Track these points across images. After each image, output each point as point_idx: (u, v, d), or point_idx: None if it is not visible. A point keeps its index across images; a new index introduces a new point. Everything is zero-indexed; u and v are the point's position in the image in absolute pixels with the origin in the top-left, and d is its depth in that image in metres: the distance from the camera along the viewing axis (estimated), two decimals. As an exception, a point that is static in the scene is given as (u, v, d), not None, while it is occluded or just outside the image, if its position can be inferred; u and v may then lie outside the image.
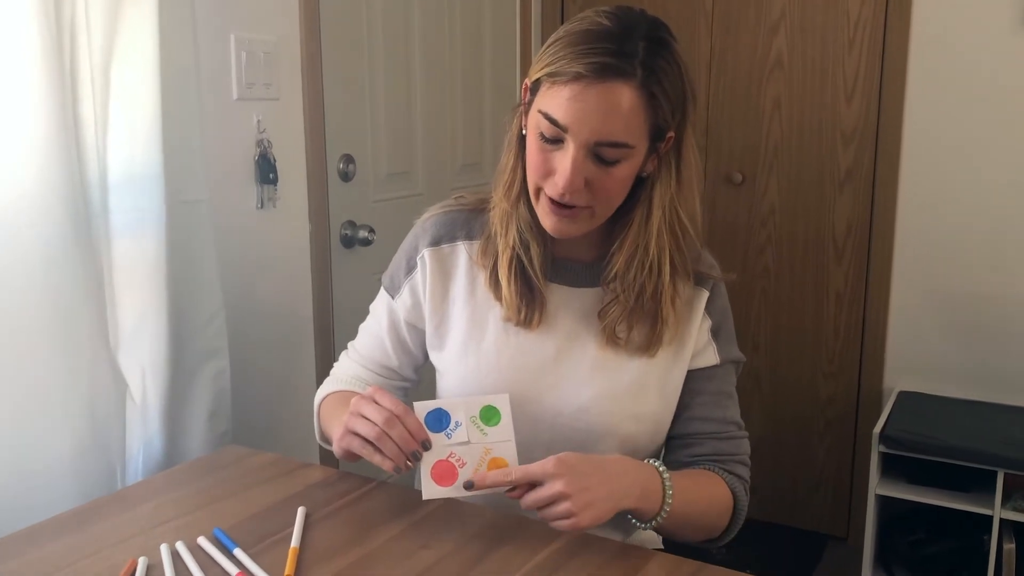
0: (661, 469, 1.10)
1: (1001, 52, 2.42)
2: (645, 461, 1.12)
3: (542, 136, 1.08)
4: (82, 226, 1.38)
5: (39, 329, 1.32)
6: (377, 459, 1.07)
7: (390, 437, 1.05)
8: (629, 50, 1.04)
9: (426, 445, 1.07)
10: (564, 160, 1.06)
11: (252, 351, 1.89)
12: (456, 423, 1.09)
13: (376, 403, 1.08)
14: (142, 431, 1.55)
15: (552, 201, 1.10)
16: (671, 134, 1.11)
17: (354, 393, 1.20)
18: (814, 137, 2.72)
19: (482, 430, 1.10)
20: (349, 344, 1.38)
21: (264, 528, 1.10)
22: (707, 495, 1.16)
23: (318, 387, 1.38)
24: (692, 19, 2.83)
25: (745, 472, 1.23)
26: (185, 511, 1.16)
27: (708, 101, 2.85)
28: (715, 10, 2.81)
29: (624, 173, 1.09)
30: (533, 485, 1.03)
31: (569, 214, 1.10)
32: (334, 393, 1.31)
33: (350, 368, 1.35)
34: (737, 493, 1.19)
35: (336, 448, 1.14)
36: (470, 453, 1.08)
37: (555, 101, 1.05)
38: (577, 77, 1.03)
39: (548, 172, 1.09)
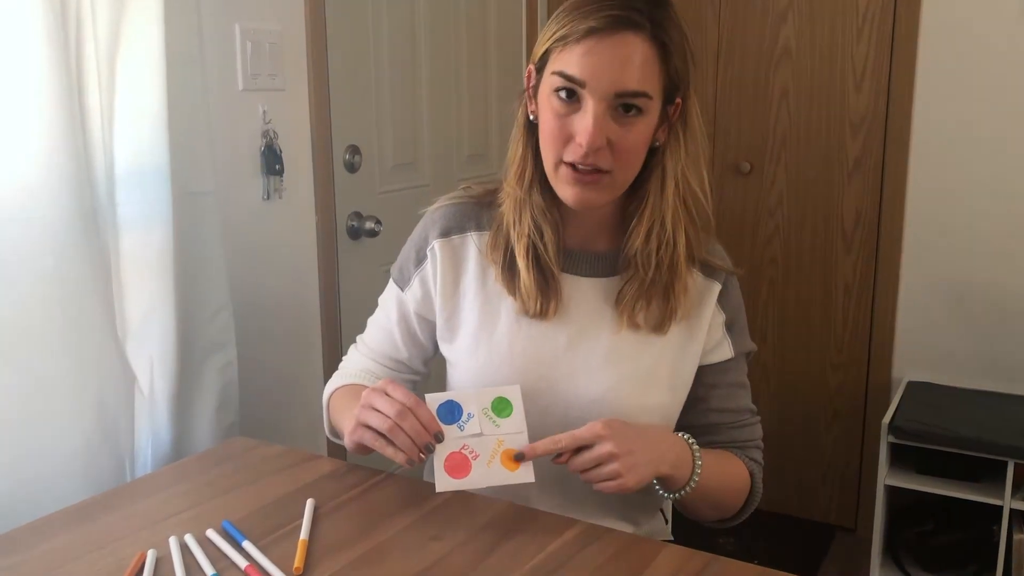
0: (691, 441, 1.14)
1: (1010, 40, 2.40)
2: (676, 433, 1.15)
3: (559, 98, 1.08)
4: (89, 219, 1.37)
5: (47, 322, 1.32)
6: (389, 452, 1.07)
7: (402, 429, 1.05)
8: (635, 5, 1.06)
9: (439, 437, 1.08)
10: (585, 118, 1.06)
11: (259, 343, 1.88)
12: (468, 415, 1.09)
13: (388, 395, 1.08)
14: (150, 423, 1.55)
15: (573, 170, 1.09)
16: (679, 100, 1.12)
17: (364, 387, 1.20)
18: (822, 126, 2.70)
19: (494, 422, 1.09)
20: (357, 337, 1.38)
21: (273, 520, 1.10)
22: (730, 473, 1.21)
23: (325, 379, 1.37)
24: (700, 8, 2.81)
25: (760, 456, 1.27)
26: (193, 503, 1.16)
27: (716, 90, 2.84)
28: (722, -1, 2.79)
29: (642, 130, 1.09)
30: (579, 449, 1.06)
31: (591, 179, 1.10)
32: (344, 387, 1.30)
33: (359, 361, 1.35)
34: (755, 475, 1.24)
35: (348, 441, 1.14)
36: (483, 445, 1.08)
37: (570, 59, 1.06)
38: (590, 32, 1.05)
39: (568, 137, 1.09)
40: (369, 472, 1.24)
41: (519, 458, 1.08)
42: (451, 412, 1.10)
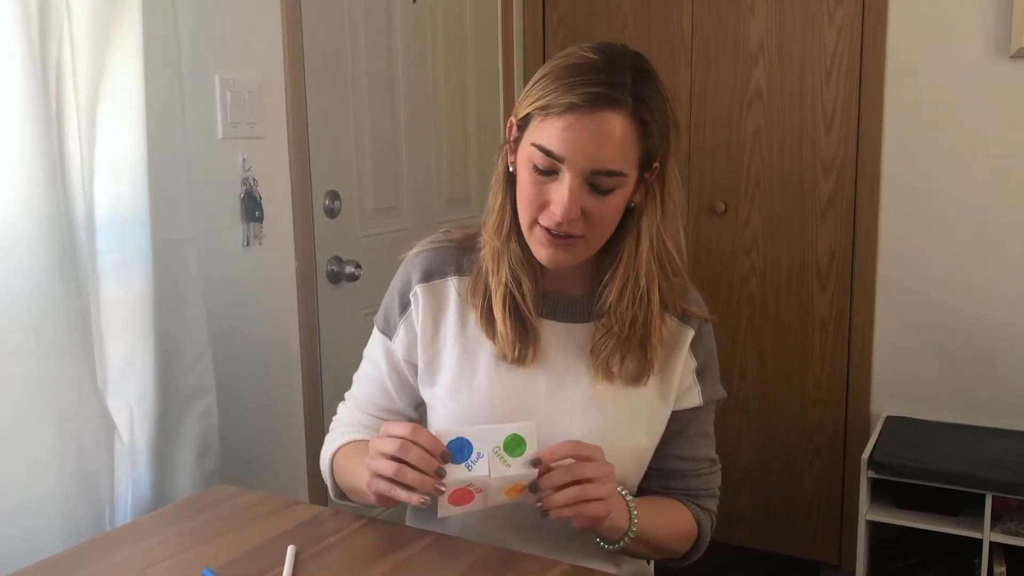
0: (624, 493, 1.15)
1: (976, 80, 2.47)
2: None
3: (536, 169, 1.09)
4: (68, 266, 1.38)
5: (25, 371, 1.32)
6: (403, 496, 1.04)
7: (409, 464, 1.03)
8: (618, 80, 1.06)
9: (445, 458, 1.04)
10: (560, 190, 1.07)
11: (240, 389, 1.88)
12: (478, 454, 1.05)
13: (389, 435, 1.06)
14: (130, 471, 1.54)
15: (547, 232, 1.11)
16: (657, 164, 1.13)
17: (367, 441, 1.20)
18: (795, 166, 2.75)
19: (505, 461, 1.05)
20: (346, 395, 1.36)
21: (254, 567, 1.09)
22: (669, 522, 1.21)
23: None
24: (672, 52, 2.87)
25: (713, 504, 1.28)
26: (174, 552, 1.15)
27: (690, 132, 2.88)
28: (694, 43, 2.85)
29: (617, 201, 1.11)
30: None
31: (564, 243, 1.11)
32: (346, 445, 1.27)
33: (354, 416, 1.33)
34: (702, 524, 1.24)
35: (370, 496, 1.10)
36: (489, 484, 1.05)
37: (549, 133, 1.07)
38: (571, 108, 1.05)
39: (543, 204, 1.10)
40: (351, 517, 1.24)
41: (533, 489, 1.05)
42: (460, 450, 1.05)
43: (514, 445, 1.05)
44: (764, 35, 2.74)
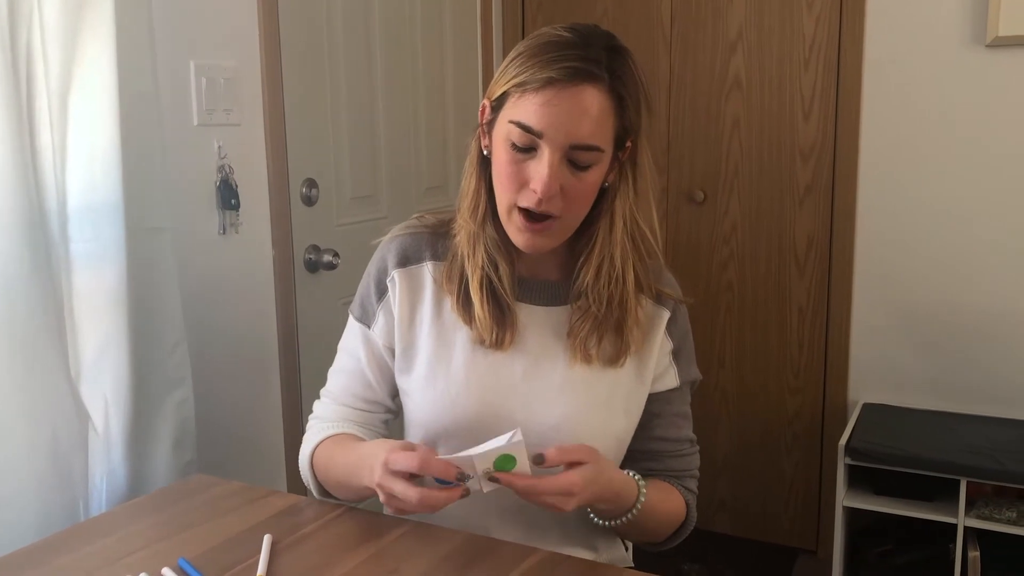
0: (638, 479, 1.15)
1: (952, 69, 2.48)
2: (626, 472, 1.16)
3: (514, 147, 1.09)
4: (41, 256, 1.36)
5: (-3, 361, 1.30)
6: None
7: (432, 506, 1.02)
8: (594, 56, 1.07)
9: (460, 476, 1.02)
10: (540, 167, 1.07)
11: (216, 379, 1.87)
12: (468, 478, 1.03)
13: (393, 472, 1.03)
14: (105, 463, 1.52)
15: (524, 217, 1.11)
16: (629, 143, 1.13)
17: (349, 435, 1.22)
18: (773, 154, 2.76)
19: (496, 480, 1.04)
20: (321, 392, 1.33)
21: (230, 557, 1.09)
22: (666, 507, 1.22)
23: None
24: (652, 40, 2.87)
25: (695, 485, 1.29)
26: (149, 542, 1.14)
27: (669, 121, 2.88)
28: (673, 31, 2.85)
29: (594, 178, 1.11)
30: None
31: (541, 228, 1.11)
32: (325, 440, 1.25)
33: (332, 409, 1.30)
34: (690, 504, 1.26)
35: (360, 493, 1.15)
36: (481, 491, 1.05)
37: (527, 109, 1.07)
38: (549, 82, 1.05)
39: (522, 183, 1.10)
40: (328, 506, 1.23)
41: (538, 460, 1.04)
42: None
43: (503, 463, 1.03)
44: (743, 24, 2.74)
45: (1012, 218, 2.47)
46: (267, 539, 1.11)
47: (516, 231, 1.13)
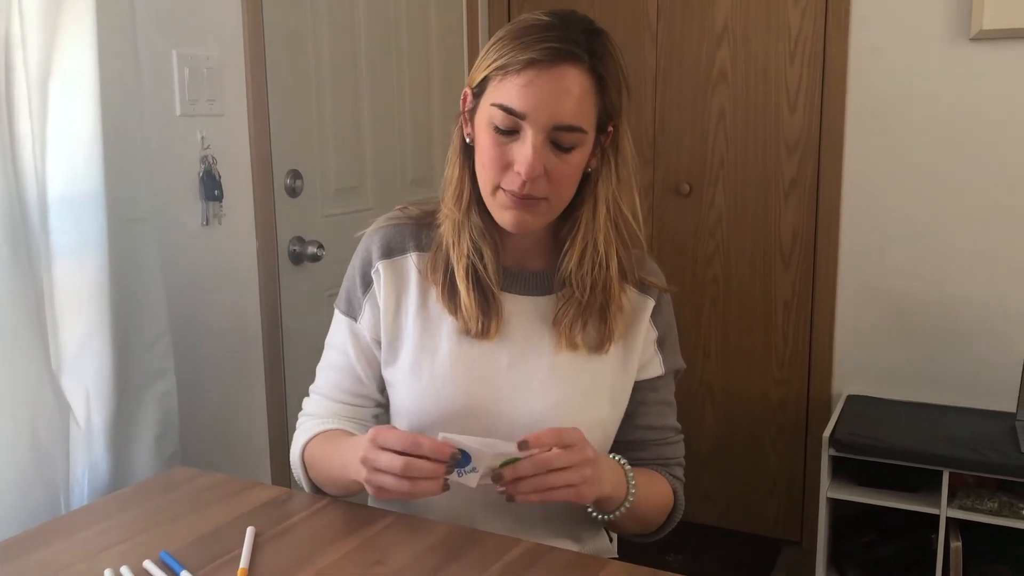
0: (624, 464, 1.15)
1: (937, 62, 2.49)
2: (611, 456, 1.16)
3: (497, 130, 1.09)
4: (21, 247, 1.35)
5: (-24, 353, 1.29)
6: (419, 496, 1.03)
7: (417, 480, 1.01)
8: (574, 37, 1.08)
9: (455, 457, 1.01)
10: (523, 148, 1.08)
11: (200, 371, 1.86)
12: (472, 468, 1.03)
13: (381, 447, 1.02)
14: (87, 455, 1.51)
15: (510, 195, 1.11)
16: (611, 127, 1.14)
17: (341, 431, 1.21)
18: (759, 147, 2.76)
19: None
20: (310, 389, 1.32)
21: (212, 550, 1.08)
22: (656, 493, 1.22)
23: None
24: (638, 33, 2.86)
25: (681, 473, 1.30)
26: (131, 534, 1.13)
27: (654, 113, 2.88)
28: (659, 23, 2.84)
29: (578, 160, 1.11)
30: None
31: (528, 203, 1.11)
32: (319, 435, 1.23)
33: (322, 405, 1.29)
34: (678, 492, 1.27)
35: (351, 488, 1.15)
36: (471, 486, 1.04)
37: (509, 91, 1.07)
38: (531, 63, 1.06)
39: (506, 165, 1.10)
40: (311, 499, 1.23)
41: (495, 479, 1.03)
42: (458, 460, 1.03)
43: (507, 463, 1.02)
44: (729, 16, 2.74)
45: (996, 211, 2.49)
46: (250, 531, 1.11)
47: (501, 209, 1.13)
